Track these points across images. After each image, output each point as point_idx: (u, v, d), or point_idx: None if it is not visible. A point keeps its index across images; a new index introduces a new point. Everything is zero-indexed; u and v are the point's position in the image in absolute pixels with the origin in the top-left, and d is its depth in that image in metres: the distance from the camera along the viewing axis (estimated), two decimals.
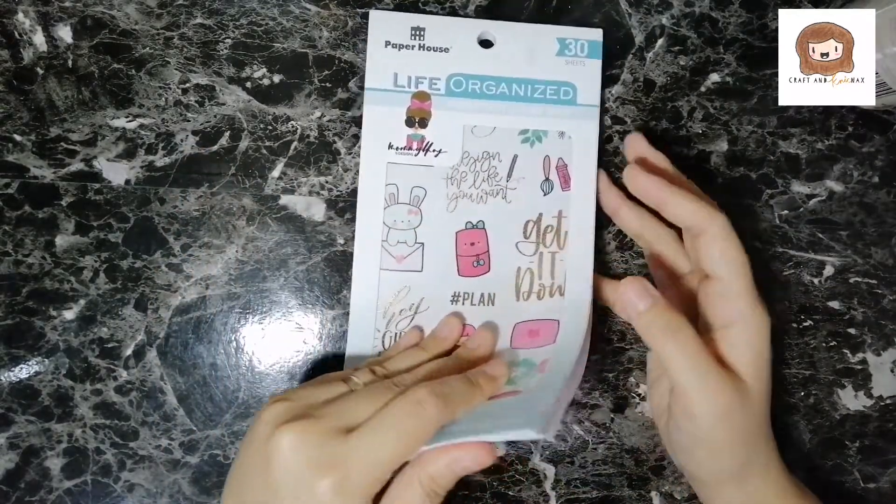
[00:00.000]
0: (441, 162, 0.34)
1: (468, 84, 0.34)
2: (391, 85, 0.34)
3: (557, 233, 0.34)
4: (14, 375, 0.34)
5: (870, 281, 0.37)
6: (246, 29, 0.35)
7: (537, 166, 0.35)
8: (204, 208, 0.35)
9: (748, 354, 0.30)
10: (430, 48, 0.34)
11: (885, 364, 0.37)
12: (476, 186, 0.34)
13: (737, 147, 0.37)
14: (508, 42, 0.34)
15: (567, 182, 0.35)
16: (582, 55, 0.35)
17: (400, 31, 0.34)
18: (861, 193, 0.37)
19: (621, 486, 0.36)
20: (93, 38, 0.35)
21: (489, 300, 0.34)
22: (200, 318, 0.35)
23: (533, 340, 0.34)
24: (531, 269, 0.34)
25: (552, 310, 0.34)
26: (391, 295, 0.34)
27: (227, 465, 0.35)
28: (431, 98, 0.34)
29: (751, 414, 0.30)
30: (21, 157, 0.34)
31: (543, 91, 0.34)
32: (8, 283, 0.34)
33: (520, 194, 0.35)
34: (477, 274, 0.34)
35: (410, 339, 0.34)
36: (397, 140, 0.34)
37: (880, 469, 0.37)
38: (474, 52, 0.34)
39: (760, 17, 0.36)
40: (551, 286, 0.34)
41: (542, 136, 0.35)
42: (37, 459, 0.34)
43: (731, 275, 0.30)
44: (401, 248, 0.34)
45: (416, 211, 0.34)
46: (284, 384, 0.35)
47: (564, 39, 0.35)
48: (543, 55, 0.34)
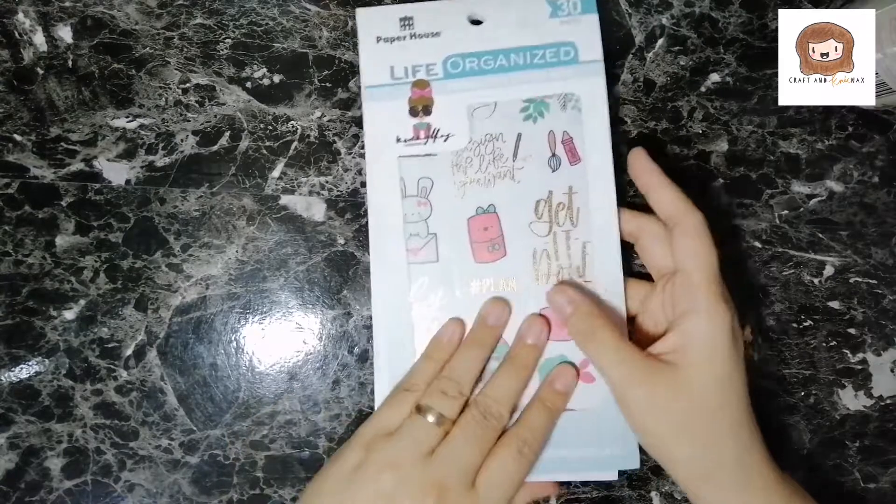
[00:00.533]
0: (450, 146, 0.34)
1: (465, 63, 0.34)
2: (389, 79, 0.34)
3: (570, 210, 0.34)
4: (14, 375, 0.34)
5: (870, 281, 0.37)
6: (246, 29, 0.35)
7: (542, 143, 0.34)
8: (204, 208, 0.35)
9: (697, 344, 0.30)
10: (421, 35, 0.34)
11: (885, 364, 0.37)
12: (483, 171, 0.34)
13: (737, 147, 0.37)
14: (499, 15, 0.34)
15: (575, 156, 0.34)
16: (576, 12, 0.34)
17: (389, 25, 0.34)
18: (861, 193, 0.37)
19: (621, 486, 0.36)
20: (93, 38, 0.35)
21: (510, 285, 0.34)
22: (200, 318, 0.35)
23: (562, 332, 0.33)
24: (546, 250, 0.34)
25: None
26: (411, 288, 0.34)
27: (227, 464, 0.35)
28: (431, 84, 0.34)
29: (694, 404, 0.30)
30: (21, 157, 0.34)
31: (543, 55, 0.34)
32: (8, 283, 0.34)
33: (527, 174, 0.34)
34: (494, 259, 0.34)
35: (452, 332, 0.33)
36: (404, 132, 0.34)
37: (880, 469, 0.37)
38: (466, 31, 0.34)
39: (760, 17, 0.36)
40: (569, 267, 0.34)
41: (544, 110, 0.34)
42: (37, 459, 0.34)
43: (695, 268, 0.30)
44: (414, 240, 0.34)
45: (426, 202, 0.34)
46: (284, 384, 0.35)
47: (555, 0, 0.34)
48: (536, 20, 0.34)
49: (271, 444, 0.35)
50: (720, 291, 0.30)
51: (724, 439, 0.30)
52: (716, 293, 0.30)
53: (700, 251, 0.30)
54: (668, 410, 0.30)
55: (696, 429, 0.30)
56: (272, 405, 0.35)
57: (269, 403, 0.35)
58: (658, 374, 0.30)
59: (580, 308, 0.31)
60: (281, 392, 0.35)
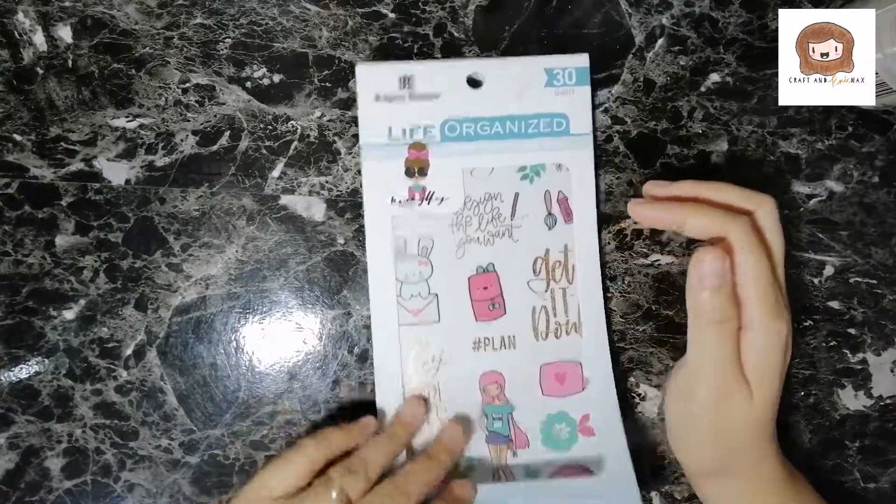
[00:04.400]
0: (445, 209, 0.34)
1: (462, 128, 0.34)
2: (386, 138, 0.34)
3: (566, 267, 0.35)
4: (14, 375, 0.34)
5: (870, 281, 0.37)
6: (246, 29, 0.35)
7: (539, 202, 0.35)
8: (204, 208, 0.35)
9: (755, 361, 0.30)
10: (420, 96, 0.34)
11: (885, 364, 0.37)
12: (482, 229, 0.35)
13: (737, 147, 0.37)
14: (497, 79, 0.34)
15: (569, 214, 0.35)
16: (571, 83, 0.34)
17: (388, 83, 0.34)
18: (861, 193, 0.37)
19: None
20: (93, 38, 0.35)
21: (510, 343, 0.35)
22: (200, 318, 0.35)
23: (563, 386, 0.34)
24: (545, 306, 0.35)
25: (572, 350, 0.35)
26: (413, 350, 0.34)
27: (227, 464, 0.35)
28: (428, 147, 0.34)
29: (746, 417, 0.30)
30: (21, 157, 0.34)
31: (537, 125, 0.34)
32: (8, 283, 0.34)
33: (525, 232, 0.35)
34: (494, 317, 0.35)
35: (369, 424, 0.33)
36: (399, 193, 0.34)
37: (880, 469, 0.37)
38: (465, 95, 0.34)
39: (760, 17, 0.36)
40: (567, 324, 0.35)
41: (541, 170, 0.35)
42: (37, 459, 0.34)
43: (748, 283, 0.30)
44: (415, 301, 0.34)
45: (427, 262, 0.34)
46: (284, 384, 0.35)
47: (552, 70, 0.34)
48: (533, 88, 0.34)
49: (271, 444, 0.35)
50: (776, 304, 0.30)
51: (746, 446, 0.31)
52: (771, 308, 0.30)
53: (749, 266, 0.30)
54: (728, 416, 0.31)
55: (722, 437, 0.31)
56: (272, 405, 0.35)
57: (269, 403, 0.35)
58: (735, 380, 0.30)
59: (724, 287, 0.30)
60: (281, 392, 0.35)
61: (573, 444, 0.34)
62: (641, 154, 0.36)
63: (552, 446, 0.34)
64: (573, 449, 0.34)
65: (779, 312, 0.30)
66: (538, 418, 0.34)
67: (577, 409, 0.34)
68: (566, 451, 0.34)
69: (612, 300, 0.36)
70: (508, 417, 0.34)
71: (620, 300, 0.36)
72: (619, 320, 0.36)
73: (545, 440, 0.34)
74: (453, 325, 0.34)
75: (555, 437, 0.34)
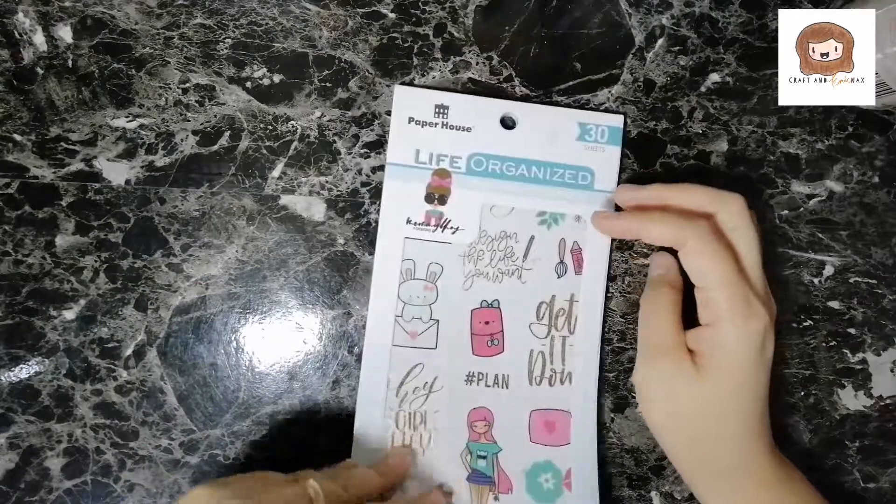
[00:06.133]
0: (458, 239, 0.35)
1: (489, 164, 0.35)
2: (412, 161, 0.34)
3: (568, 317, 0.35)
4: (14, 375, 0.34)
5: (870, 281, 0.37)
6: (246, 29, 0.35)
7: (553, 248, 0.35)
8: (204, 208, 0.35)
9: (715, 355, 0.30)
10: (452, 126, 0.34)
11: (885, 364, 0.37)
12: (492, 265, 0.35)
13: (737, 147, 0.37)
14: (530, 124, 0.35)
15: (580, 266, 0.35)
16: (602, 141, 0.35)
17: (424, 109, 0.34)
18: (861, 193, 0.37)
19: (621, 486, 0.36)
20: (93, 38, 0.35)
21: (503, 382, 0.35)
22: (200, 318, 0.35)
23: (551, 435, 0.34)
24: (543, 352, 0.35)
25: (563, 399, 0.35)
26: (404, 372, 0.34)
27: (227, 465, 0.35)
28: (452, 176, 0.34)
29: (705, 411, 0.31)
30: (21, 157, 0.34)
31: (562, 175, 0.35)
32: (8, 283, 0.34)
33: (535, 275, 0.35)
34: (491, 354, 0.35)
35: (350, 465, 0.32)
36: (416, 215, 0.34)
37: (880, 469, 0.37)
38: (496, 133, 0.35)
39: (760, 17, 0.36)
40: (561, 372, 0.35)
41: (560, 218, 0.35)
42: (37, 459, 0.34)
43: (712, 287, 0.30)
44: (415, 323, 0.34)
45: (432, 287, 0.34)
46: (284, 384, 0.35)
47: (585, 124, 0.35)
48: (564, 139, 0.35)
49: (271, 443, 0.35)
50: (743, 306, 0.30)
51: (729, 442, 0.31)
52: (740, 311, 0.30)
53: (709, 268, 0.30)
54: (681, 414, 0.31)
55: (704, 433, 0.31)
56: (272, 405, 0.35)
57: (269, 403, 0.35)
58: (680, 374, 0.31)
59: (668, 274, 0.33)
60: (281, 392, 0.35)
61: (557, 498, 0.34)
62: (641, 154, 0.36)
63: (535, 496, 0.34)
64: (557, 503, 0.34)
65: (750, 313, 0.30)
66: (524, 464, 0.34)
67: (563, 462, 0.34)
68: (550, 503, 0.34)
69: (612, 300, 0.36)
70: (494, 458, 0.34)
71: (620, 300, 0.36)
72: (619, 320, 0.36)
73: (529, 488, 0.34)
74: (449, 355, 0.34)
75: (539, 486, 0.34)
